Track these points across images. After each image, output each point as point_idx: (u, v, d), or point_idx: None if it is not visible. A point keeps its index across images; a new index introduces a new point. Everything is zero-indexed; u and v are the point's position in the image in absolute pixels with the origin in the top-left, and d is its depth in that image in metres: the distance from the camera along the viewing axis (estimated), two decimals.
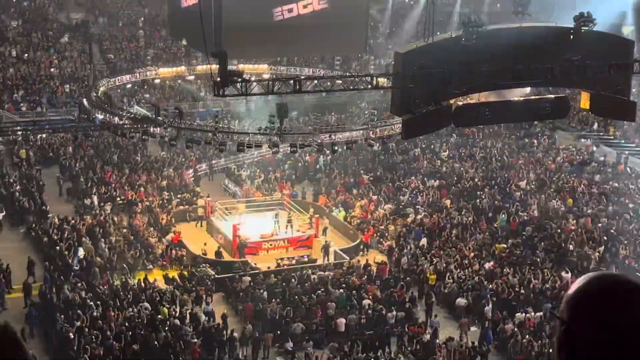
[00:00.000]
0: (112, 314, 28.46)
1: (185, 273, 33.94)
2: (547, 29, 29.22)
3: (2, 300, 30.92)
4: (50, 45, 57.36)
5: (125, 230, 37.27)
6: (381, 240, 38.39)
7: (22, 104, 50.49)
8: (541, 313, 30.10)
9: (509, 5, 42.71)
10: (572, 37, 27.00)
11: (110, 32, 60.75)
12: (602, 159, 47.61)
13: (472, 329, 30.42)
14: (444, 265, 34.22)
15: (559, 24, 29.16)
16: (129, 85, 49.48)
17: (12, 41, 56.88)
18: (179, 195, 41.97)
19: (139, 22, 62.60)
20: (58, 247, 33.84)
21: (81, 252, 33.58)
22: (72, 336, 26.72)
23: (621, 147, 48.84)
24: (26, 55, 55.90)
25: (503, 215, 39.22)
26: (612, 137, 50.01)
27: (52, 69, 54.75)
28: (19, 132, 45.34)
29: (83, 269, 32.67)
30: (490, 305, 30.71)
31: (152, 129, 37.06)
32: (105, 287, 31.11)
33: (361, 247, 37.93)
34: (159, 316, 28.79)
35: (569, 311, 2.63)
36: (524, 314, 30.21)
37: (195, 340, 28.00)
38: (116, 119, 38.11)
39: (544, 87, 34.90)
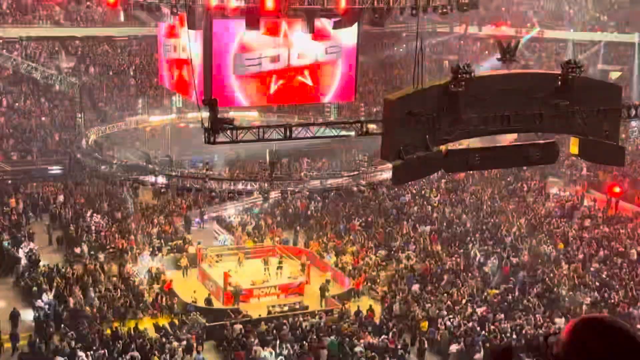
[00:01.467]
0: None
1: (176, 321, 33.70)
2: (535, 75, 29.53)
3: None
4: (41, 94, 57.57)
5: (115, 278, 37.09)
6: (372, 286, 38.27)
7: (12, 153, 50.54)
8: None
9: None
10: (559, 83, 27.24)
11: (101, 81, 61.01)
12: (592, 203, 47.82)
13: None
14: (436, 311, 34.11)
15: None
16: (119, 134, 49.64)
17: (2, 91, 57.06)
18: (169, 243, 41.85)
19: (130, 70, 62.89)
20: (47, 296, 33.65)
21: None
22: None
23: None
24: (17, 104, 56.07)
25: (494, 261, 39.23)
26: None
27: (42, 118, 54.90)
28: (9, 181, 45.35)
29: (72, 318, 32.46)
30: (482, 352, 30.53)
31: (143, 177, 37.10)
32: (95, 336, 30.84)
33: (353, 293, 37.78)
34: None
35: (565, 354, 2.67)
36: None
37: None
38: (107, 167, 38.15)
39: (533, 132, 35.14)
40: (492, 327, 32.31)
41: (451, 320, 33.23)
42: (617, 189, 47.54)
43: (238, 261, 39.93)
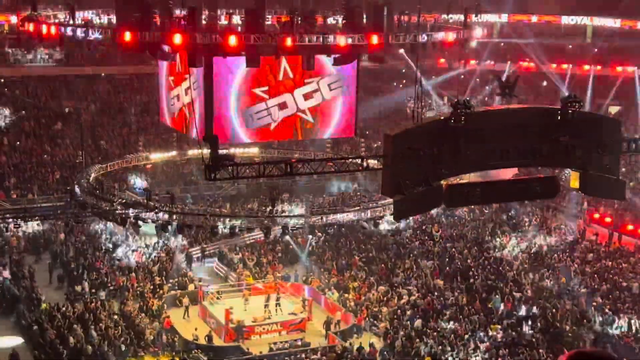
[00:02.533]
0: None
1: (177, 359, 33.50)
2: (535, 109, 29.59)
3: None
4: (42, 132, 57.79)
5: (116, 316, 36.93)
6: (375, 322, 38.11)
7: (13, 192, 50.56)
8: None
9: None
10: (559, 117, 27.30)
11: (102, 119, 61.21)
12: (593, 237, 47.72)
13: None
14: (439, 347, 33.90)
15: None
16: (120, 171, 49.71)
17: (4, 130, 57.24)
18: (170, 280, 41.72)
19: (131, 108, 63.14)
20: (48, 336, 33.47)
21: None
22: None
23: None
24: (18, 143, 56.24)
25: (497, 296, 39.07)
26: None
27: (44, 156, 55.07)
28: (10, 220, 45.25)
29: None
30: None
31: (143, 214, 37.06)
32: None
33: (354, 329, 37.59)
34: None
35: None
36: None
37: None
38: (107, 204, 38.13)
39: (534, 167, 35.19)
40: None
41: (454, 356, 33.03)
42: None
43: (244, 298, 39.68)
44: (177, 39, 30.10)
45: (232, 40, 30.69)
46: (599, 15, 67.85)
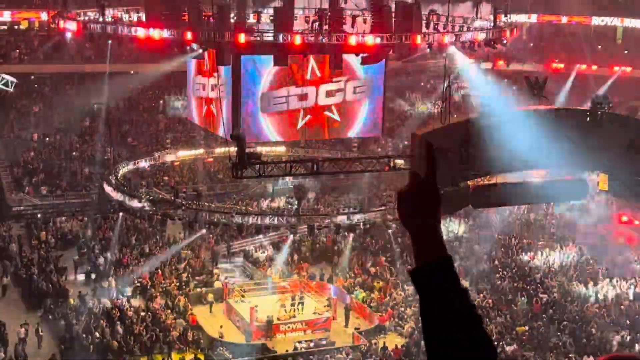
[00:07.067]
0: None
1: (202, 357, 33.61)
2: (564, 111, 29.39)
3: None
4: (71, 129, 58.16)
5: (142, 313, 37.09)
6: (400, 322, 37.99)
7: (42, 187, 50.95)
8: None
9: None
10: (588, 119, 27.09)
11: (131, 116, 61.50)
12: (621, 240, 47.26)
13: None
14: None
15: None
16: (148, 168, 49.94)
17: (34, 125, 57.70)
18: (196, 277, 41.81)
19: (159, 105, 63.40)
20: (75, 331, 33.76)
21: None
22: None
23: None
24: (47, 139, 56.65)
25: (523, 298, 38.83)
26: None
27: (72, 153, 55.46)
28: (39, 215, 45.68)
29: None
30: None
31: (170, 211, 37.27)
32: None
33: (379, 329, 37.52)
34: None
35: None
36: None
37: None
38: (135, 201, 38.37)
39: (562, 168, 34.91)
40: None
41: None
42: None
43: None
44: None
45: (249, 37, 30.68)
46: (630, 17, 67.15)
